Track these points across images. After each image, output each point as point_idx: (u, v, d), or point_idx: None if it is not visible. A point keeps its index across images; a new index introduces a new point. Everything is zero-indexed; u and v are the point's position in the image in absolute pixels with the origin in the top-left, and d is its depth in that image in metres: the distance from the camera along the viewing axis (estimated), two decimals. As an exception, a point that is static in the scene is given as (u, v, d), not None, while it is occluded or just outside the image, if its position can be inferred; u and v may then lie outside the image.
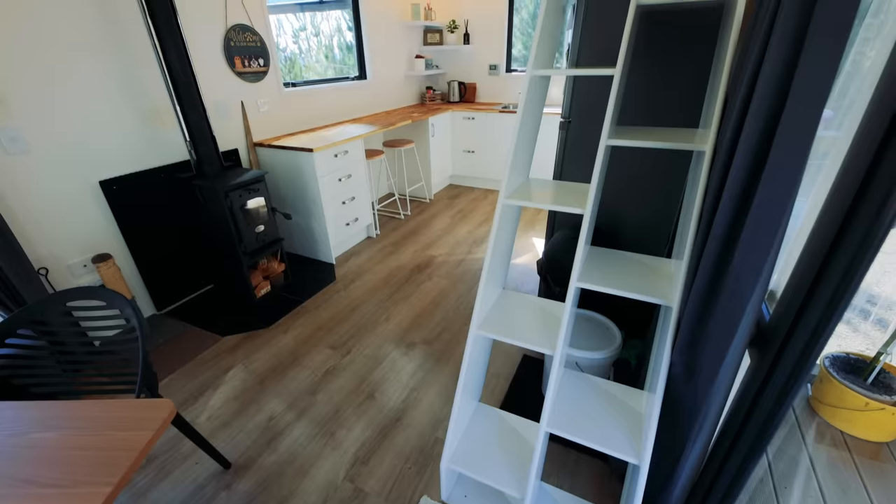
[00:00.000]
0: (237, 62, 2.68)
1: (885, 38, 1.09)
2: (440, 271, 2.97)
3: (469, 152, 4.51)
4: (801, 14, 0.67)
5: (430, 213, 4.06)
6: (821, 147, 1.22)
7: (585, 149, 1.91)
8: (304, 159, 2.73)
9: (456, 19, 4.53)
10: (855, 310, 1.31)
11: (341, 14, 3.86)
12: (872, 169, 0.71)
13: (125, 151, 2.21)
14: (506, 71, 4.57)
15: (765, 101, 0.72)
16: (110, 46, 2.06)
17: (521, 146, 1.37)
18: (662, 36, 1.61)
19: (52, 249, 2.01)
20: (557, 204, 1.21)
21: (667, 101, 1.68)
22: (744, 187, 0.80)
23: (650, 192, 1.84)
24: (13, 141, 1.80)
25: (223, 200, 2.26)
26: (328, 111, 3.57)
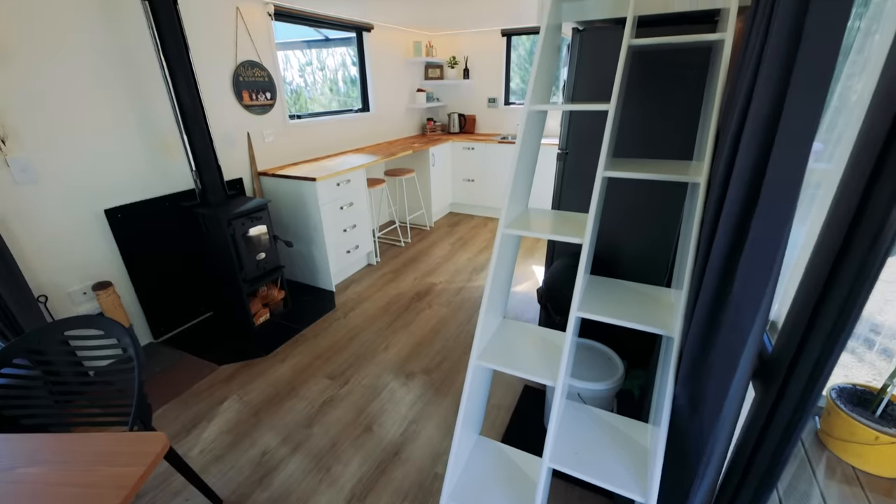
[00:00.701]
0: (245, 96, 2.78)
1: (869, 72, 1.14)
2: (440, 299, 2.96)
3: (469, 181, 4.59)
4: (787, 55, 0.70)
5: (431, 240, 4.09)
6: (813, 178, 1.25)
7: (583, 179, 1.95)
8: (307, 188, 2.78)
9: (456, 56, 4.72)
10: (859, 339, 1.30)
11: (346, 50, 4.03)
12: (864, 201, 0.72)
13: (132, 181, 2.26)
14: (504, 104, 4.72)
15: (754, 138, 0.74)
16: (124, 82, 2.14)
17: (520, 177, 1.40)
18: (655, 71, 1.68)
19: (53, 277, 2.01)
20: (556, 234, 1.22)
21: (661, 134, 1.72)
22: (738, 220, 0.81)
23: (648, 222, 1.86)
24: (23, 171, 1.84)
25: (225, 228, 2.28)
26: (332, 142, 3.66)
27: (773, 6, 0.80)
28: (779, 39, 0.69)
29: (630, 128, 1.76)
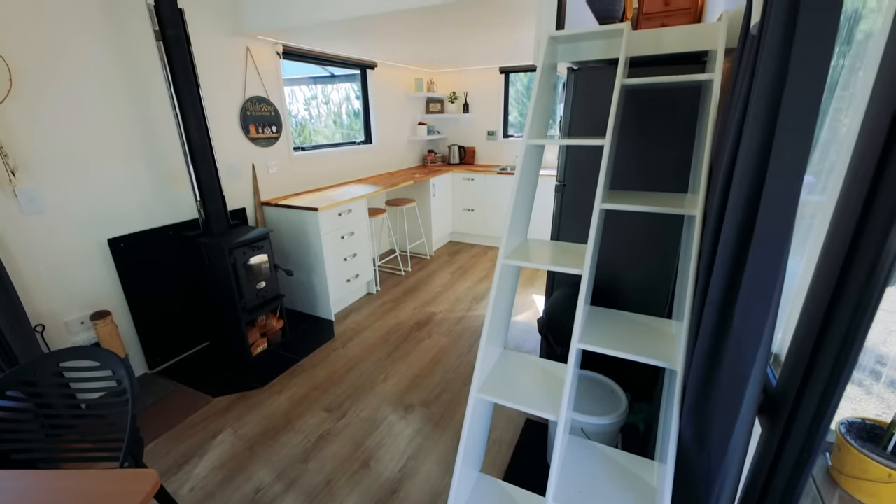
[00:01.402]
0: (251, 129, 2.86)
1: (856, 108, 1.18)
2: (440, 329, 2.93)
3: (469, 210, 4.65)
4: (773, 95, 0.73)
5: (431, 269, 4.09)
6: (807, 210, 1.27)
7: (581, 210, 1.98)
8: (309, 218, 2.82)
9: (456, 91, 4.89)
10: (864, 370, 1.28)
11: (350, 85, 4.18)
12: (858, 232, 0.73)
13: (137, 210, 2.29)
14: (503, 136, 4.85)
15: (746, 174, 0.76)
16: (134, 115, 2.22)
17: (519, 208, 1.42)
18: (648, 107, 1.74)
19: (52, 306, 2.01)
20: (556, 264, 1.23)
21: (656, 166, 1.77)
22: (735, 253, 0.82)
23: (647, 252, 1.87)
24: (30, 201, 1.87)
25: (227, 257, 2.29)
26: (334, 172, 3.73)
27: (757, 49, 0.84)
28: (764, 82, 0.72)
29: (626, 160, 1.81)
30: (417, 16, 2.26)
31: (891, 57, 0.65)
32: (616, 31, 1.36)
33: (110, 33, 2.08)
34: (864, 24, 1.01)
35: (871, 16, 0.99)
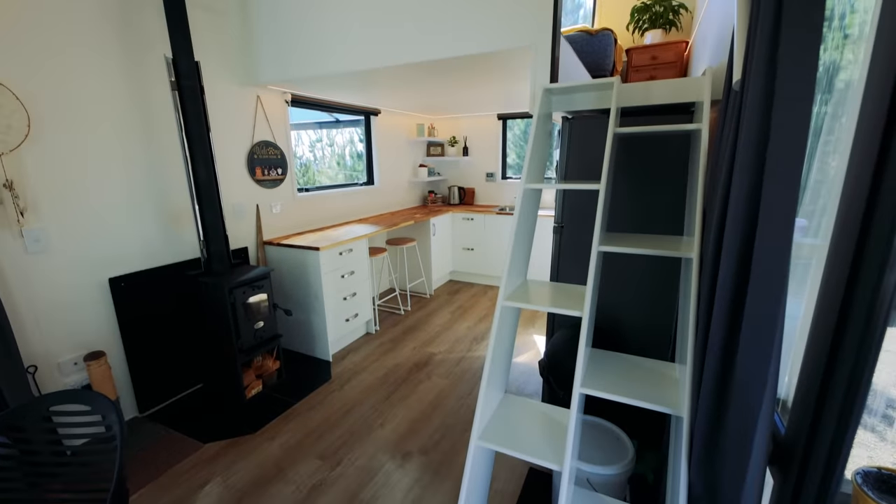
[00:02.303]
0: (258, 171, 2.95)
1: (841, 153, 1.23)
2: (439, 370, 2.87)
3: (468, 250, 4.69)
4: (758, 146, 0.77)
5: (430, 308, 4.07)
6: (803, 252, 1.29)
7: (579, 251, 2.00)
8: (310, 257, 2.84)
9: (456, 135, 5.08)
10: (876, 415, 1.25)
11: (354, 129, 4.36)
12: (853, 276, 0.74)
13: (140, 249, 2.32)
14: (501, 178, 4.98)
15: (738, 222, 0.79)
16: (144, 158, 2.30)
17: (518, 249, 1.44)
18: (642, 152, 1.80)
19: (47, 347, 1.98)
20: (556, 306, 1.23)
21: (652, 209, 1.81)
22: (733, 297, 0.83)
23: (648, 293, 1.87)
24: (36, 241, 1.90)
25: (227, 297, 2.29)
26: (337, 212, 3.80)
27: (741, 104, 0.89)
28: (749, 136, 0.76)
29: (622, 203, 1.86)
30: (417, 69, 2.39)
31: (869, 107, 0.69)
32: (607, 84, 1.44)
33: (128, 82, 2.19)
34: (843, 73, 1.07)
35: (849, 66, 1.05)
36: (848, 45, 1.02)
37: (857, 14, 0.98)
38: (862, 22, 0.94)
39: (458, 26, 2.02)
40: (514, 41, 1.89)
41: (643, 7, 3.00)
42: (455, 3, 2.00)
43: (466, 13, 1.99)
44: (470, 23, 1.99)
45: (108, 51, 2.10)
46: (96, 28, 2.05)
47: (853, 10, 1.00)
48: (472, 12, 1.97)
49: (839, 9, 1.04)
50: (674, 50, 2.77)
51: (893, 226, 0.68)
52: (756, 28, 0.77)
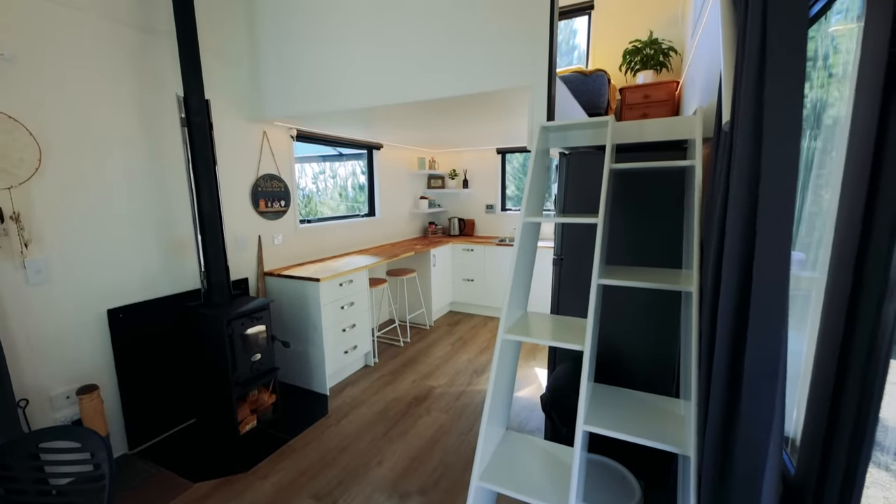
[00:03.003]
0: (261, 203, 3.00)
1: (833, 186, 1.25)
2: (439, 404, 2.80)
3: (468, 281, 4.68)
4: (750, 186, 0.79)
5: (430, 340, 4.02)
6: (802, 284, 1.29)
7: (579, 283, 2.01)
8: (310, 288, 2.83)
9: (456, 168, 5.20)
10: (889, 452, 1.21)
11: (357, 162, 4.46)
12: (852, 309, 0.74)
13: (140, 280, 2.32)
14: (501, 210, 5.05)
15: (735, 258, 0.80)
16: (150, 191, 2.34)
17: (518, 282, 1.45)
18: (639, 185, 1.84)
19: (40, 380, 1.94)
20: (557, 340, 1.22)
21: (650, 242, 1.83)
22: (734, 332, 0.83)
23: (650, 326, 1.86)
24: (38, 273, 1.91)
25: (224, 328, 2.27)
26: (338, 243, 3.83)
27: (731, 144, 0.93)
28: (741, 175, 0.78)
29: (621, 236, 1.88)
30: (418, 107, 2.48)
31: (856, 144, 0.72)
32: (601, 122, 1.49)
33: (140, 117, 2.27)
34: (831, 110, 1.11)
35: (836, 103, 1.08)
36: (833, 83, 1.07)
37: (840, 54, 1.03)
38: (845, 62, 0.99)
39: (457, 66, 2.11)
40: (511, 81, 1.98)
41: (634, 50, 3.15)
42: (454, 44, 2.11)
43: (466, 54, 2.08)
44: (469, 63, 2.08)
45: (122, 89, 2.19)
46: (113, 67, 2.14)
47: (836, 50, 1.05)
48: (471, 54, 2.07)
49: (822, 49, 1.09)
50: (665, 89, 2.88)
51: (889, 258, 0.69)
52: (742, 72, 0.81)
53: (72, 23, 1.98)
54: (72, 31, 1.98)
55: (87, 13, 2.03)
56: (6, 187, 1.79)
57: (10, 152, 1.78)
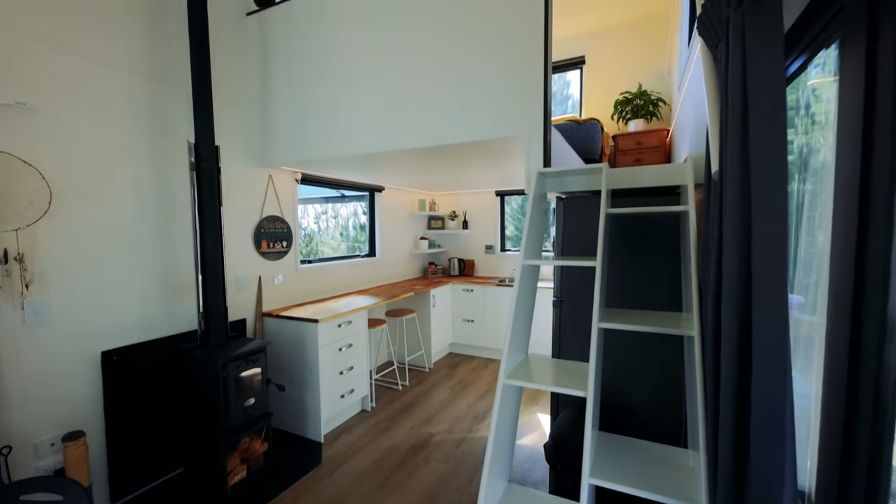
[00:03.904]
0: (263, 244, 3.03)
1: (825, 229, 1.27)
2: (438, 453, 2.68)
3: (468, 321, 4.63)
4: (743, 236, 0.81)
5: (430, 383, 3.91)
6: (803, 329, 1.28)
7: (580, 326, 1.99)
8: (309, 329, 2.80)
9: (456, 210, 5.30)
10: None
11: (359, 203, 4.55)
12: (853, 353, 0.74)
13: (138, 322, 2.30)
14: (500, 250, 5.10)
15: (733, 304, 0.80)
16: (156, 232, 2.38)
17: (518, 325, 1.44)
18: (636, 228, 1.88)
19: (27, 425, 1.87)
20: (559, 385, 1.20)
21: (650, 284, 1.83)
22: (737, 382, 0.82)
23: (654, 371, 1.83)
24: (36, 314, 1.89)
25: (219, 371, 2.22)
26: (338, 283, 3.83)
27: (721, 192, 0.96)
28: (733, 226, 0.81)
29: (620, 278, 1.89)
30: (419, 153, 2.58)
31: (842, 189, 0.75)
32: (596, 169, 1.55)
33: (149, 162, 2.35)
34: (819, 154, 1.14)
35: (822, 148, 1.12)
36: (817, 129, 1.12)
37: (822, 103, 1.08)
38: (827, 111, 1.04)
39: (457, 116, 2.22)
40: (508, 130, 2.07)
41: (625, 100, 3.31)
42: (454, 95, 2.22)
43: (465, 105, 2.19)
44: (468, 113, 2.19)
45: (136, 138, 2.28)
46: (129, 117, 2.25)
47: (818, 99, 1.10)
48: (469, 104, 2.18)
49: (804, 99, 1.15)
50: (656, 136, 3.00)
51: (885, 300, 0.69)
52: (727, 128, 0.86)
53: (93, 76, 2.10)
54: (93, 84, 2.10)
55: (109, 67, 2.16)
56: (13, 228, 1.82)
57: (22, 195, 1.83)
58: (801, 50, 0.94)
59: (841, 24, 0.77)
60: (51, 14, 1.95)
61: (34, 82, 1.90)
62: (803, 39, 0.91)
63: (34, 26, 1.89)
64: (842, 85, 0.77)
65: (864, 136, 0.70)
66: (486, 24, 2.11)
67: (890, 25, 0.66)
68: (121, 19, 2.21)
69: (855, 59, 0.72)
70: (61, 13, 1.98)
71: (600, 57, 4.03)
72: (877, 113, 0.68)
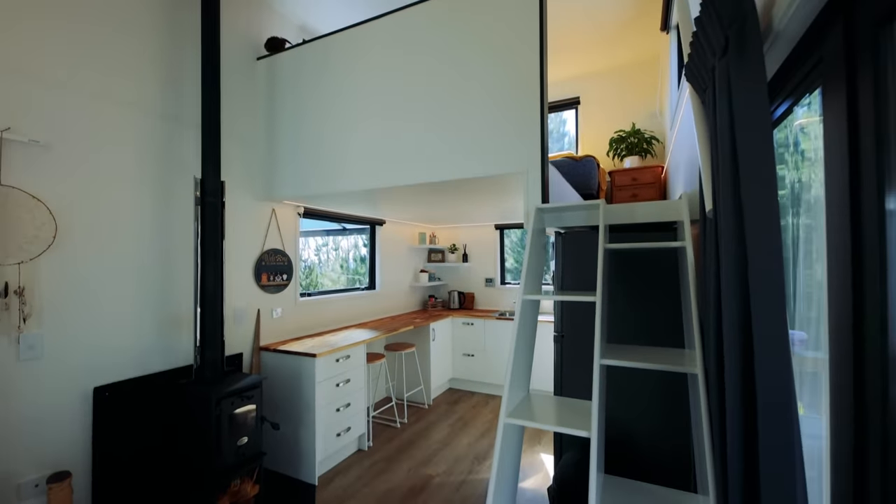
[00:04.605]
0: (264, 277, 3.04)
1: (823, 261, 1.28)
2: (438, 497, 2.57)
3: (468, 356, 4.56)
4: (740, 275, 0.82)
5: (429, 420, 3.80)
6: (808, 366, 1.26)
7: (582, 361, 1.96)
8: (306, 364, 2.75)
9: (456, 243, 5.34)
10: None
11: (359, 236, 4.59)
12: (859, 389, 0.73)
13: (133, 356, 2.26)
14: (500, 283, 5.09)
15: (735, 343, 0.80)
16: (157, 265, 2.39)
17: (519, 362, 1.42)
18: (636, 263, 1.89)
19: (12, 465, 1.81)
20: (562, 425, 1.17)
21: (652, 319, 1.82)
22: (744, 424, 0.80)
23: (659, 408, 1.78)
24: (31, 348, 1.87)
25: (213, 408, 2.16)
26: (337, 316, 3.80)
27: (716, 230, 0.98)
28: (728, 265, 0.82)
29: (621, 312, 1.88)
30: (420, 188, 2.63)
31: (834, 222, 0.76)
32: (593, 205, 1.58)
33: (156, 199, 2.39)
34: (812, 189, 1.17)
35: (814, 184, 1.14)
36: (807, 164, 1.15)
37: (811, 140, 1.12)
38: (816, 147, 1.08)
39: (456, 153, 2.28)
40: (507, 167, 2.12)
41: (619, 138, 3.42)
42: (454, 134, 2.29)
43: (464, 143, 2.26)
44: (467, 151, 2.25)
45: (145, 175, 2.34)
46: (139, 155, 2.31)
47: (807, 137, 1.14)
48: (468, 142, 2.25)
49: (792, 137, 1.19)
50: (651, 172, 3.08)
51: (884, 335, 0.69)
52: (718, 170, 0.89)
53: (107, 115, 2.18)
54: (106, 122, 2.17)
55: (123, 106, 2.25)
56: (17, 262, 1.83)
57: (28, 230, 1.85)
58: (786, 95, 0.99)
59: (821, 74, 0.81)
60: (70, 57, 2.05)
61: (49, 120, 1.97)
62: (787, 87, 0.96)
63: (53, 69, 1.99)
64: (826, 128, 0.80)
65: (852, 178, 0.73)
66: (483, 66, 2.22)
67: (868, 75, 0.70)
68: (137, 61, 2.32)
69: (837, 105, 0.75)
70: (80, 56, 2.08)
71: (594, 98, 4.20)
72: (861, 155, 0.71)
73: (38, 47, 1.94)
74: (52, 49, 1.98)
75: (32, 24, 1.91)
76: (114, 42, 2.22)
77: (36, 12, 1.93)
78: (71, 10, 2.05)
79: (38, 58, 1.93)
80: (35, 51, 1.93)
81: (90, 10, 2.12)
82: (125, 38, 2.27)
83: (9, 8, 1.85)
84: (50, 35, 1.97)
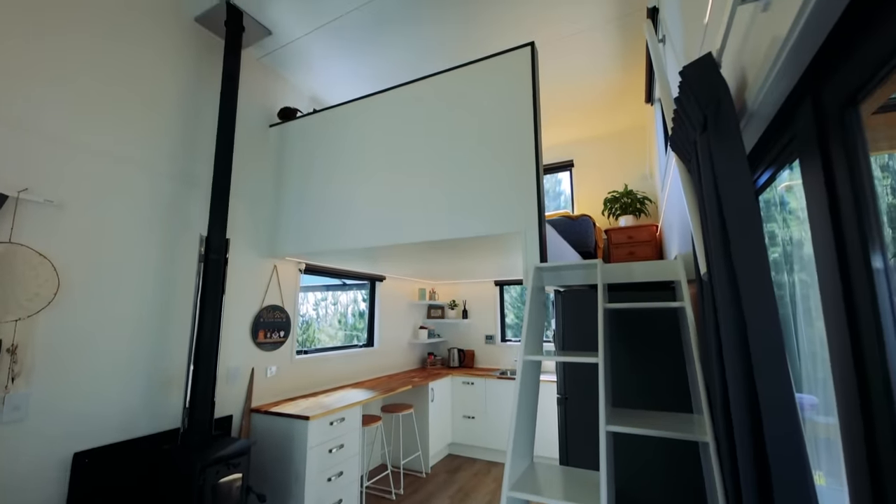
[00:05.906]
0: (261, 334, 2.99)
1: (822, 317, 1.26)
2: (436, 583, 2.32)
3: (469, 418, 4.35)
4: (740, 341, 0.82)
5: (427, 491, 3.53)
6: (820, 431, 1.21)
7: (587, 425, 1.88)
8: (298, 427, 2.62)
9: (456, 299, 5.32)
10: None
11: (359, 291, 4.58)
12: (872, 458, 0.70)
13: (118, 418, 2.16)
14: (500, 340, 5.00)
15: (742, 411, 0.79)
16: (154, 323, 2.36)
17: (521, 428, 1.37)
18: (637, 323, 1.88)
19: (-31, 545, 1.66)
20: (569, 499, 1.10)
21: (658, 381, 1.78)
22: (758, 487, 0.77)
23: (671, 478, 1.68)
24: (15, 409, 1.80)
25: (196, 477, 2.02)
26: (334, 375, 3.68)
27: (712, 291, 0.99)
28: (727, 330, 0.83)
29: (625, 375, 1.83)
30: (420, 246, 2.69)
31: (826, 278, 0.77)
32: (591, 264, 1.61)
33: (161, 257, 2.43)
34: (805, 248, 1.18)
35: (806, 242, 1.16)
36: (797, 222, 1.18)
37: (799, 199, 1.16)
38: (804, 206, 1.11)
39: (455, 213, 2.36)
40: (505, 227, 2.19)
41: (613, 199, 3.55)
42: (452, 194, 2.39)
43: (463, 204, 2.35)
44: (466, 211, 2.33)
45: (153, 235, 2.39)
46: (149, 215, 2.38)
47: (794, 196, 1.18)
48: (467, 203, 2.34)
49: (778, 198, 1.24)
50: (646, 231, 3.16)
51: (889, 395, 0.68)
52: (708, 232, 0.92)
53: (120, 175, 2.28)
54: (118, 183, 2.27)
55: (137, 167, 2.36)
56: (14, 319, 1.82)
57: (30, 287, 1.86)
58: (767, 165, 1.05)
59: (797, 148, 0.87)
60: (99, 126, 2.18)
61: (66, 180, 2.05)
62: (767, 157, 1.03)
63: (78, 133, 2.11)
64: (807, 196, 0.85)
65: (836, 240, 0.76)
66: (481, 132, 2.36)
67: (840, 148, 0.75)
68: (157, 130, 2.47)
69: (814, 177, 0.80)
70: (107, 124, 2.23)
71: (587, 161, 4.42)
72: (843, 220, 0.74)
73: (69, 114, 2.08)
74: (74, 114, 2.11)
75: (66, 92, 2.07)
76: (141, 115, 2.40)
77: (73, 87, 2.09)
78: (104, 83, 2.22)
79: (62, 122, 2.06)
80: (63, 116, 2.06)
81: (123, 84, 2.30)
82: (150, 113, 2.44)
83: (47, 79, 2.00)
84: (82, 104, 2.12)
